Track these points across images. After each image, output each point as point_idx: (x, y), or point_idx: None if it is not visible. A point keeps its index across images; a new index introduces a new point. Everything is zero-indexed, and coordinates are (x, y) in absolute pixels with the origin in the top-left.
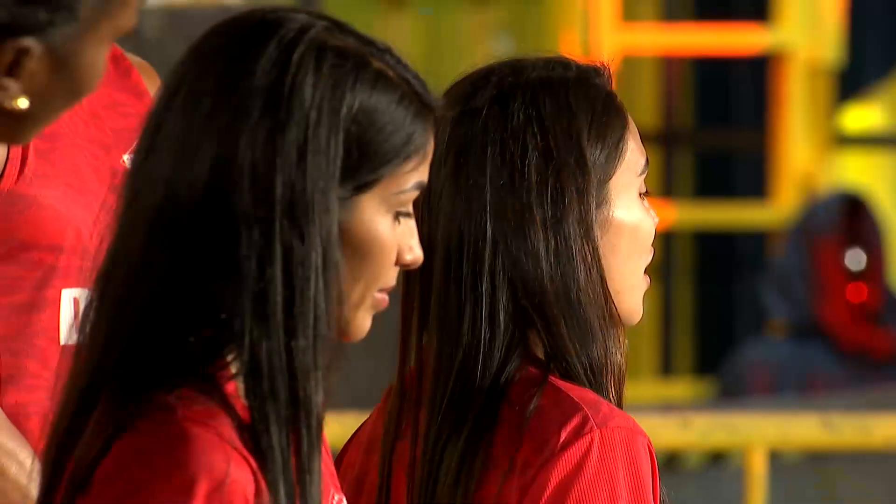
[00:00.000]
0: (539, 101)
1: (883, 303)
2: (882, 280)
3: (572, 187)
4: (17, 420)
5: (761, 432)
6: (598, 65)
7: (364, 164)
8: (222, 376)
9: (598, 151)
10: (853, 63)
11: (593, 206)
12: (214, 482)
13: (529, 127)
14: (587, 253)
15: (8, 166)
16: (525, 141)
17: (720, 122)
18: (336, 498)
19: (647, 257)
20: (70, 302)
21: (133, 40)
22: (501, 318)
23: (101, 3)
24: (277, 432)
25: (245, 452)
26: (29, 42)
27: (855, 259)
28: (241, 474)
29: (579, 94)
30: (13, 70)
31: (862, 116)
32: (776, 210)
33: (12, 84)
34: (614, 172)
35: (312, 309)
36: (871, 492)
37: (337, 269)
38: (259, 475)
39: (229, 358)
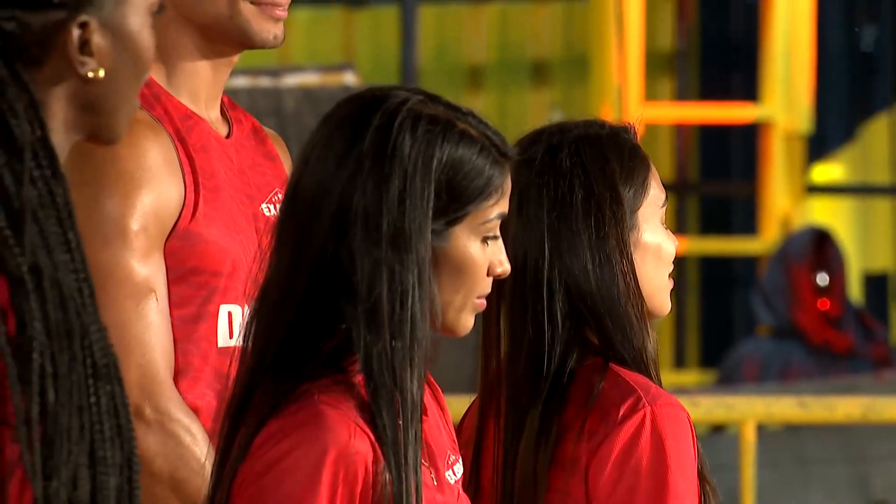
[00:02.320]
0: (581, 151)
1: (843, 312)
2: (843, 295)
3: (609, 215)
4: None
5: (751, 410)
6: (627, 125)
7: (453, 203)
8: (353, 370)
9: (627, 188)
10: (820, 132)
11: (627, 230)
12: (340, 451)
13: (574, 170)
14: (624, 266)
15: (184, 210)
16: (571, 181)
17: (720, 176)
18: (452, 458)
19: (669, 268)
20: (226, 315)
21: (274, 115)
22: (558, 318)
23: None
24: (386, 413)
25: (366, 428)
26: (85, 17)
27: (822, 279)
28: (362, 445)
29: (611, 145)
30: (84, 49)
31: (827, 172)
32: (763, 242)
33: (89, 60)
34: (641, 205)
35: (409, 318)
36: (833, 456)
37: (430, 286)
38: (377, 446)
39: (356, 356)
